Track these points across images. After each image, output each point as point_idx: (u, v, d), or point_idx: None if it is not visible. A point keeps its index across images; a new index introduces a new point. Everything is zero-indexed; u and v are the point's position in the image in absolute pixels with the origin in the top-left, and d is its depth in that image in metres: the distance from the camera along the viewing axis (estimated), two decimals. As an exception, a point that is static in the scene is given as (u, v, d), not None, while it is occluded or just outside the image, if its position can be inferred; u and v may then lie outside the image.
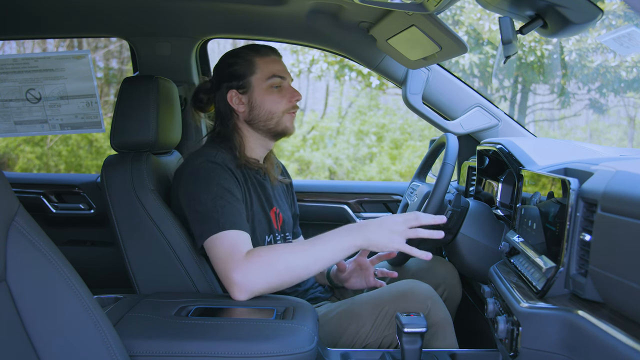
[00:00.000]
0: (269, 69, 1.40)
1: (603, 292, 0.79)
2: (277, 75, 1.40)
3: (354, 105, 8.31)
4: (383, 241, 1.19)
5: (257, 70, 1.39)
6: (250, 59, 1.40)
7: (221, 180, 1.27)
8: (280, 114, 1.40)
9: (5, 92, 1.89)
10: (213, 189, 1.25)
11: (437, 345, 1.34)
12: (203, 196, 1.25)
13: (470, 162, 1.83)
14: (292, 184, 1.66)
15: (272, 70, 1.40)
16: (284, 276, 1.17)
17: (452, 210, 1.43)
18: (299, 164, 7.55)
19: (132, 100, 1.37)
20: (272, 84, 1.39)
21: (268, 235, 1.42)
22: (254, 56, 1.40)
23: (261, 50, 1.41)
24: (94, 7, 1.71)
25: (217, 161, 1.30)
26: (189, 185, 1.29)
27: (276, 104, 1.40)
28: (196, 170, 1.29)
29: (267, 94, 1.39)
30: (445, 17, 6.54)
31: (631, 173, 0.80)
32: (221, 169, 1.29)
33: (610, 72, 6.76)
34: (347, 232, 1.20)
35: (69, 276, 0.85)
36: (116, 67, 7.55)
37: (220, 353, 0.99)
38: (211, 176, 1.27)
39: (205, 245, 1.23)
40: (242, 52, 1.41)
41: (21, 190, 2.13)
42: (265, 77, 1.39)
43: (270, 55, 1.42)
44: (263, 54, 1.41)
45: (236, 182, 1.32)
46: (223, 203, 1.24)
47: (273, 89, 1.40)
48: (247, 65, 1.40)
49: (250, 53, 1.41)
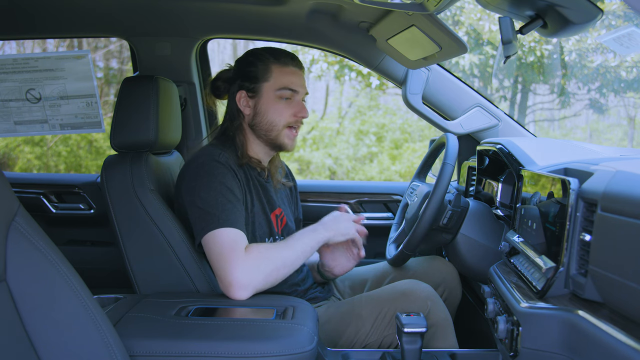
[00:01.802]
0: (283, 79, 1.38)
1: (603, 292, 0.79)
2: (288, 87, 1.38)
3: (354, 105, 8.31)
4: (344, 230, 1.38)
5: (271, 77, 1.37)
6: (267, 65, 1.38)
7: (224, 179, 1.28)
8: (280, 127, 1.39)
9: (5, 92, 1.89)
10: (215, 187, 1.26)
11: (437, 345, 1.34)
12: (204, 193, 1.25)
13: (470, 162, 1.82)
14: (296, 188, 1.66)
15: (285, 82, 1.38)
16: (281, 270, 1.24)
17: (452, 210, 1.43)
18: (299, 164, 7.56)
19: (132, 100, 1.37)
20: (281, 95, 1.38)
21: (268, 237, 1.42)
22: (272, 63, 1.38)
23: (282, 58, 1.39)
24: (94, 7, 1.71)
25: (220, 160, 1.31)
26: (192, 182, 1.29)
27: (279, 115, 1.38)
28: (199, 168, 1.30)
29: (273, 104, 1.38)
30: (445, 17, 6.54)
31: (631, 173, 0.80)
32: (224, 168, 1.30)
33: (610, 72, 6.76)
34: (314, 230, 1.34)
35: (69, 276, 0.85)
36: (116, 67, 7.55)
37: (220, 353, 0.99)
38: (214, 174, 1.28)
39: (204, 241, 1.24)
40: (263, 56, 1.39)
41: (21, 190, 2.12)
42: (276, 87, 1.37)
43: (289, 66, 1.39)
44: (282, 63, 1.38)
45: (238, 183, 1.32)
46: (224, 201, 1.24)
47: (281, 100, 1.38)
48: (263, 69, 1.38)
49: (271, 59, 1.38)
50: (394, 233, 1.76)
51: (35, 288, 0.81)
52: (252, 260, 1.18)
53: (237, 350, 0.99)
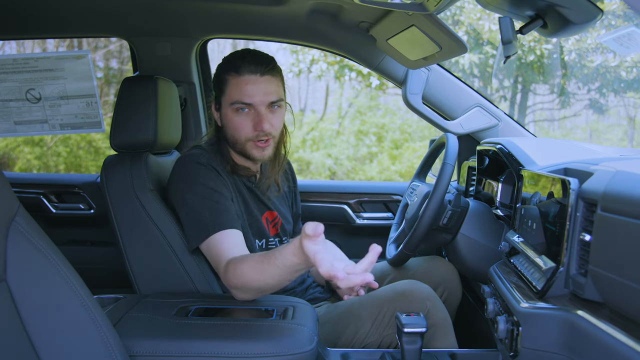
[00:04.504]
0: (235, 92, 1.28)
1: (603, 292, 0.79)
2: (240, 101, 1.27)
3: (354, 105, 8.31)
4: None
5: (227, 90, 1.30)
6: (224, 76, 1.30)
7: (205, 180, 1.27)
8: (242, 141, 1.31)
9: (5, 92, 1.89)
10: (198, 190, 1.26)
11: (437, 345, 1.35)
12: (189, 197, 1.26)
13: (470, 162, 1.82)
14: (295, 184, 1.65)
15: (235, 96, 1.28)
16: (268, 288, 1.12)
17: (452, 210, 1.43)
18: (299, 164, 7.56)
19: (131, 100, 1.37)
20: (236, 108, 1.29)
21: (260, 239, 1.42)
22: (228, 73, 1.29)
23: (240, 67, 1.27)
24: (94, 7, 1.70)
25: (201, 161, 1.30)
26: (176, 184, 1.31)
27: (238, 131, 1.30)
28: (181, 170, 1.31)
29: (231, 118, 1.30)
30: (445, 17, 6.54)
31: (631, 173, 0.80)
32: (205, 169, 1.29)
33: (610, 72, 6.76)
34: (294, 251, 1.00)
35: (69, 276, 0.85)
36: (116, 67, 7.55)
37: (220, 353, 0.99)
38: (195, 176, 1.27)
39: (201, 248, 1.26)
40: (224, 66, 1.32)
41: (21, 190, 2.12)
42: (230, 101, 1.29)
43: (244, 74, 1.27)
44: (238, 72, 1.27)
45: (223, 181, 1.31)
46: (210, 204, 1.24)
47: (238, 113, 1.29)
48: (222, 81, 1.31)
49: (228, 68, 1.30)
50: (394, 233, 1.76)
51: (35, 288, 0.81)
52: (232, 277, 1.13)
53: (237, 350, 0.99)
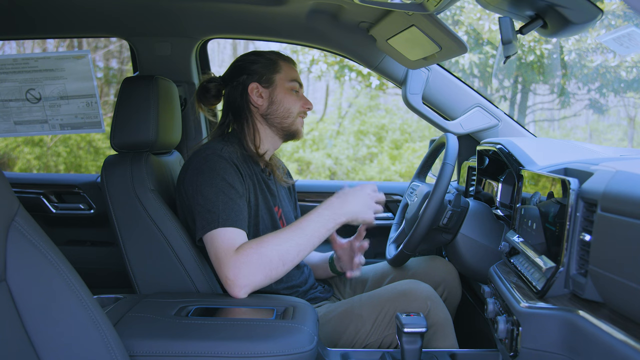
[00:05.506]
0: (292, 73, 1.50)
1: (603, 292, 0.79)
2: (297, 80, 1.50)
3: (354, 105, 8.31)
4: (362, 215, 1.31)
5: (282, 70, 1.48)
6: (274, 60, 1.49)
7: (226, 174, 1.28)
8: (295, 115, 1.48)
9: (5, 92, 1.89)
10: (217, 183, 1.26)
11: (437, 345, 1.35)
12: (206, 189, 1.26)
13: (470, 162, 1.83)
14: (294, 187, 1.67)
15: (294, 75, 1.50)
16: (278, 265, 1.20)
17: (452, 210, 1.43)
18: (299, 164, 7.55)
19: (132, 100, 1.37)
20: (292, 87, 1.48)
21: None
22: (277, 58, 1.49)
23: (283, 56, 1.52)
24: (94, 7, 1.71)
25: (223, 155, 1.31)
26: (194, 177, 1.30)
27: (294, 104, 1.48)
28: (202, 162, 1.30)
29: (287, 94, 1.47)
30: (445, 17, 6.54)
31: (631, 173, 0.80)
32: (226, 163, 1.30)
33: (610, 72, 6.76)
34: (329, 210, 1.28)
35: (69, 276, 0.85)
36: (116, 67, 7.55)
37: (220, 353, 0.99)
38: (216, 169, 1.28)
39: (204, 239, 1.25)
40: (266, 53, 1.50)
41: (21, 190, 2.13)
42: (288, 79, 1.48)
43: (291, 63, 1.52)
44: (285, 59, 1.51)
45: (240, 179, 1.32)
46: (225, 199, 1.25)
47: (292, 92, 1.48)
48: (270, 64, 1.47)
49: (274, 55, 1.49)
50: (394, 233, 1.76)
51: (35, 288, 0.81)
52: (244, 258, 1.17)
53: (237, 350, 0.99)
